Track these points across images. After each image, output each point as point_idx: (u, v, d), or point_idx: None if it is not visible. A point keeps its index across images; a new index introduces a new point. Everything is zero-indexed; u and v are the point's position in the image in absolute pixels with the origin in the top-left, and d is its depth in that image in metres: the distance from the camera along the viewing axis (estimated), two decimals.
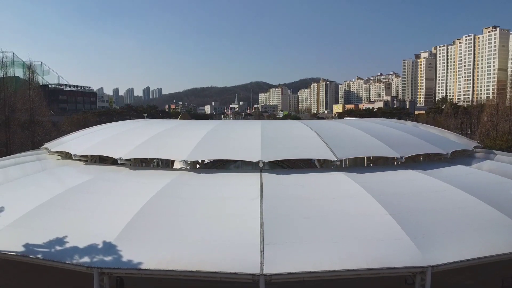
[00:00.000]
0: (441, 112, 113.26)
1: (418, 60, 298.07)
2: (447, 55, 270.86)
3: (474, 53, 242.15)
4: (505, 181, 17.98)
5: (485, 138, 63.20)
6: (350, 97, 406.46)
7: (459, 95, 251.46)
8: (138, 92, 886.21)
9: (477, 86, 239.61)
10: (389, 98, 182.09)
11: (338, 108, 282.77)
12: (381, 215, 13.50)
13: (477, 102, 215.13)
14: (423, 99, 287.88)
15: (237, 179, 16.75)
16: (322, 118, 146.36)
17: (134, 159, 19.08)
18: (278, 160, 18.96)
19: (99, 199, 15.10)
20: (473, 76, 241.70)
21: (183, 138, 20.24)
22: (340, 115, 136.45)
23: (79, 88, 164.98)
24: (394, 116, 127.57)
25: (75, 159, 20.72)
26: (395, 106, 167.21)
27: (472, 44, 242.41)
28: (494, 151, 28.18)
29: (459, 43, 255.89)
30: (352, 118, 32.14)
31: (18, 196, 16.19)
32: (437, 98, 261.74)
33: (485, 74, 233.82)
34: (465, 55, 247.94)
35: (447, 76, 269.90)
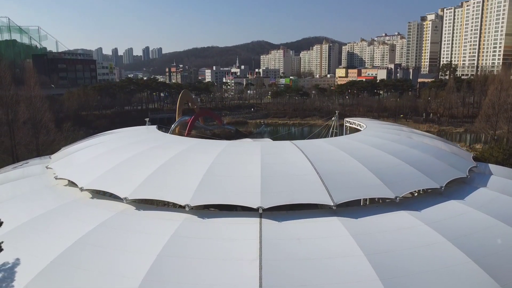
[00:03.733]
0: (444, 86, 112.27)
1: (424, 23, 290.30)
2: (454, 18, 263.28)
3: (481, 17, 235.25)
4: (495, 224, 18.77)
5: (485, 124, 63.61)
6: (353, 59, 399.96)
7: (464, 61, 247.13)
8: (138, 52, 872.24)
9: (483, 52, 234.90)
10: (392, 66, 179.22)
11: (340, 72, 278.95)
12: (372, 280, 14.44)
13: (482, 69, 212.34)
14: (427, 63, 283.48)
15: (237, 229, 17.53)
16: (324, 89, 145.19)
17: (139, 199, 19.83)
18: None
19: (107, 255, 15.98)
20: (479, 41, 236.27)
21: (185, 175, 20.92)
22: (342, 87, 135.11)
23: (78, 56, 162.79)
24: (397, 89, 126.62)
25: (82, 191, 21.53)
26: (398, 78, 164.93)
27: (480, 7, 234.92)
28: (490, 166, 28.64)
29: (467, 6, 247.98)
30: (353, 129, 32.14)
31: (31, 245, 17.16)
32: (441, 63, 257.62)
33: (492, 39, 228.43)
34: (473, 18, 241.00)
35: (452, 40, 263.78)
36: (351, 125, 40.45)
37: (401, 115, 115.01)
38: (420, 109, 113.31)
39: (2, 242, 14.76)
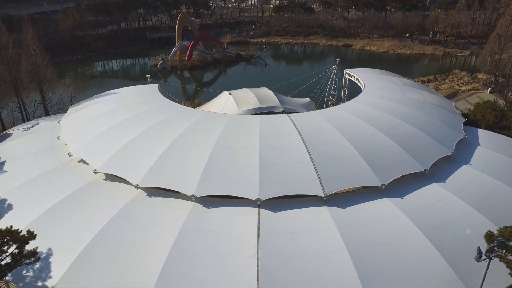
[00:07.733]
0: (455, 4, 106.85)
1: None
2: None
3: None
4: (468, 212, 21.05)
5: (489, 61, 62.53)
6: None
7: None
8: None
9: None
10: None
11: None
12: (352, 277, 17.19)
13: None
14: None
15: (238, 221, 19.92)
16: (329, 2, 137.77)
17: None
18: None
19: (127, 249, 18.63)
20: None
21: (189, 162, 22.73)
22: (347, 2, 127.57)
23: None
24: (406, 4, 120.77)
25: (96, 173, 23.60)
26: None
27: None
28: (480, 133, 29.85)
29: None
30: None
31: (59, 236, 19.81)
32: None
33: None
34: None
35: None
36: (350, 78, 40.63)
37: (407, 34, 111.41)
38: (427, 28, 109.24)
39: (37, 247, 17.19)
